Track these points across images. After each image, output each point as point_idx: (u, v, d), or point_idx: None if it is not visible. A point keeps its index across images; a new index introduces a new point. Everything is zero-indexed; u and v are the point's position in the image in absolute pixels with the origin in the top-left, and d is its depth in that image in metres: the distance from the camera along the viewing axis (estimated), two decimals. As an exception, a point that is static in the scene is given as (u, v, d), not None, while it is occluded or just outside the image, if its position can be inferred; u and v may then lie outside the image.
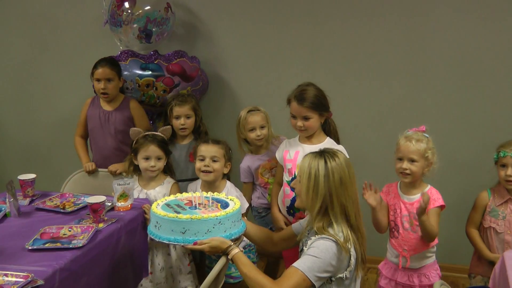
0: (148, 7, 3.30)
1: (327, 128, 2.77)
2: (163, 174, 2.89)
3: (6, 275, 1.79)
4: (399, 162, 2.50)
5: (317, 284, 1.94)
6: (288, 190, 2.72)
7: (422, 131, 2.50)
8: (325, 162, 2.03)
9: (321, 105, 2.65)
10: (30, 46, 4.10)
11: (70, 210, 2.51)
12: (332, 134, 2.78)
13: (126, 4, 3.29)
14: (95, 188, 3.06)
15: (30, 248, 2.04)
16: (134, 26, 3.30)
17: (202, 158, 2.72)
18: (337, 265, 1.96)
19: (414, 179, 2.52)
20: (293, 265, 1.96)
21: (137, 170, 2.89)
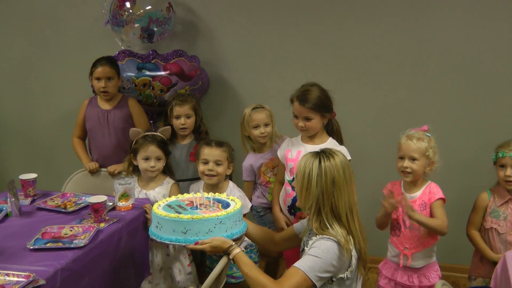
0: (149, 7, 3.29)
1: (330, 128, 2.77)
2: (163, 174, 2.89)
3: (7, 275, 1.80)
4: (400, 160, 2.53)
5: (318, 284, 1.94)
6: (289, 190, 2.73)
7: (424, 131, 2.51)
8: (319, 162, 2.03)
9: (323, 106, 2.64)
10: (31, 45, 4.10)
11: (71, 209, 2.51)
12: (335, 134, 2.78)
13: (128, 4, 3.29)
14: (96, 187, 3.06)
15: (31, 247, 2.04)
16: (136, 25, 3.30)
17: (206, 162, 2.71)
18: (338, 265, 1.96)
19: (415, 178, 2.53)
20: (294, 265, 1.96)
21: (136, 170, 2.89)
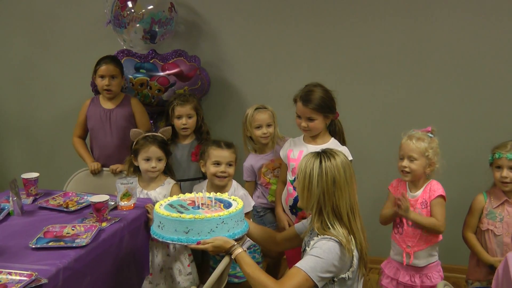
0: (151, 7, 3.29)
1: (333, 128, 2.77)
2: (163, 175, 2.89)
3: (10, 274, 1.80)
4: (401, 160, 2.55)
5: (319, 284, 1.94)
6: (291, 189, 2.73)
7: (427, 131, 2.51)
8: (320, 162, 2.04)
9: (326, 107, 2.64)
10: (32, 45, 4.11)
11: (73, 209, 2.51)
12: (337, 135, 2.78)
13: (130, 3, 3.29)
14: (98, 187, 3.06)
15: (33, 246, 2.04)
16: (137, 25, 3.30)
17: (218, 163, 2.71)
18: (339, 265, 1.96)
19: (415, 178, 2.55)
20: (295, 265, 1.96)
21: (137, 171, 2.89)
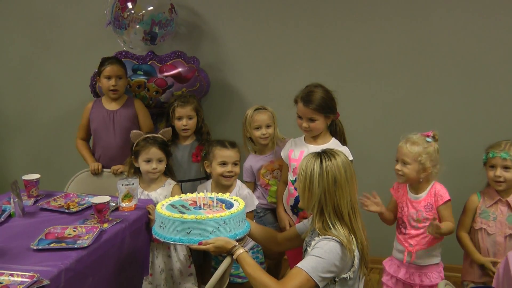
0: (151, 8, 3.30)
1: (334, 129, 2.78)
2: (164, 176, 2.89)
3: (12, 275, 1.80)
4: (396, 162, 2.56)
5: (321, 284, 1.94)
6: (292, 189, 2.74)
7: (426, 136, 2.51)
8: (320, 161, 2.05)
9: (327, 107, 2.66)
10: (32, 45, 4.11)
11: (74, 210, 2.51)
12: (338, 135, 2.79)
13: (130, 4, 3.29)
14: (99, 188, 3.06)
15: (35, 248, 2.04)
16: (137, 27, 3.30)
17: (224, 163, 2.72)
18: (340, 265, 1.97)
19: (408, 181, 2.56)
20: (297, 265, 1.97)
21: (137, 172, 2.89)
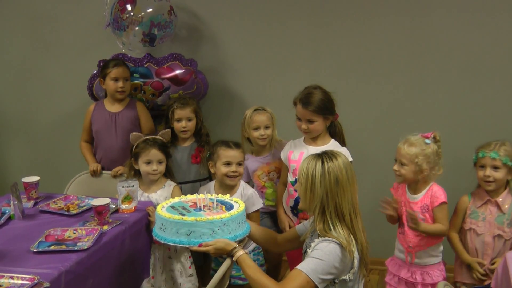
0: (150, 10, 3.29)
1: (333, 130, 2.79)
2: (164, 177, 2.90)
3: (12, 278, 1.80)
4: (395, 162, 2.58)
5: (320, 286, 1.94)
6: (292, 190, 2.75)
7: (426, 137, 2.51)
8: (322, 162, 2.05)
9: (326, 109, 2.67)
10: (32, 47, 4.10)
11: (74, 212, 2.51)
12: (337, 136, 2.80)
13: (129, 6, 3.28)
14: (99, 190, 3.05)
15: (35, 250, 2.05)
16: (136, 28, 3.30)
17: (229, 163, 2.72)
18: (340, 267, 1.97)
19: (406, 182, 2.58)
20: (297, 267, 1.97)
21: (137, 174, 2.89)
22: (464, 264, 2.64)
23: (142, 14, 3.28)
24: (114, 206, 2.52)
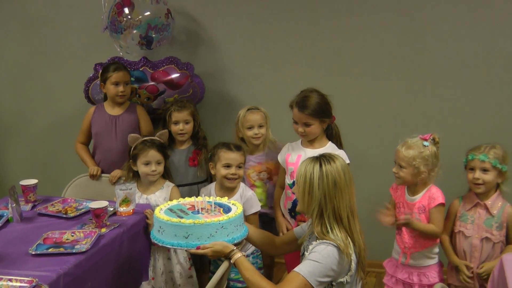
0: (148, 13, 3.29)
1: (330, 132, 2.80)
2: (162, 178, 2.91)
3: (10, 280, 1.81)
4: (394, 164, 2.59)
5: (318, 288, 1.95)
6: (289, 193, 2.75)
7: (424, 139, 2.52)
8: (320, 165, 2.06)
9: (322, 112, 2.68)
10: (29, 50, 4.10)
11: (72, 215, 2.52)
12: (334, 138, 2.81)
13: (126, 10, 3.29)
14: (97, 193, 3.05)
15: (33, 253, 2.05)
16: (134, 32, 3.31)
17: (228, 166, 2.73)
18: (338, 269, 1.98)
19: (405, 184, 2.59)
20: (294, 269, 1.97)
21: (136, 176, 2.90)
22: (454, 267, 2.64)
23: (140, 17, 3.28)
24: (112, 209, 2.53)
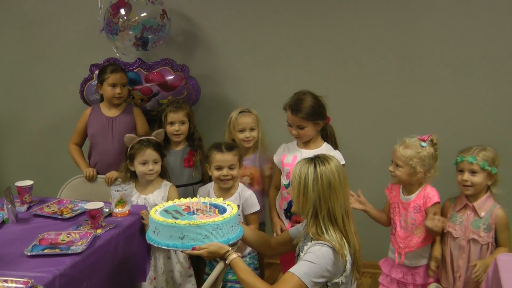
0: (144, 14, 3.30)
1: (325, 133, 2.81)
2: (159, 177, 2.91)
3: (6, 281, 1.80)
4: (391, 163, 2.60)
5: (313, 289, 1.96)
6: (285, 193, 2.77)
7: (422, 140, 2.53)
8: (314, 167, 2.07)
9: (315, 114, 2.69)
10: (25, 51, 4.10)
11: (68, 216, 2.52)
12: (329, 139, 2.82)
13: (122, 11, 3.29)
14: (92, 194, 3.05)
15: (29, 254, 2.05)
16: (130, 33, 3.31)
17: (220, 167, 2.73)
18: (333, 270, 1.99)
19: (401, 183, 2.61)
20: (289, 270, 1.98)
21: (133, 177, 2.90)
22: (443, 266, 2.63)
23: (136, 18, 3.29)
24: (107, 210, 2.53)
